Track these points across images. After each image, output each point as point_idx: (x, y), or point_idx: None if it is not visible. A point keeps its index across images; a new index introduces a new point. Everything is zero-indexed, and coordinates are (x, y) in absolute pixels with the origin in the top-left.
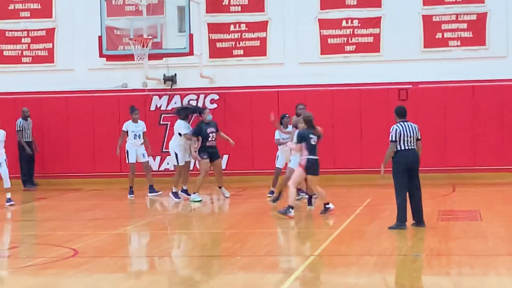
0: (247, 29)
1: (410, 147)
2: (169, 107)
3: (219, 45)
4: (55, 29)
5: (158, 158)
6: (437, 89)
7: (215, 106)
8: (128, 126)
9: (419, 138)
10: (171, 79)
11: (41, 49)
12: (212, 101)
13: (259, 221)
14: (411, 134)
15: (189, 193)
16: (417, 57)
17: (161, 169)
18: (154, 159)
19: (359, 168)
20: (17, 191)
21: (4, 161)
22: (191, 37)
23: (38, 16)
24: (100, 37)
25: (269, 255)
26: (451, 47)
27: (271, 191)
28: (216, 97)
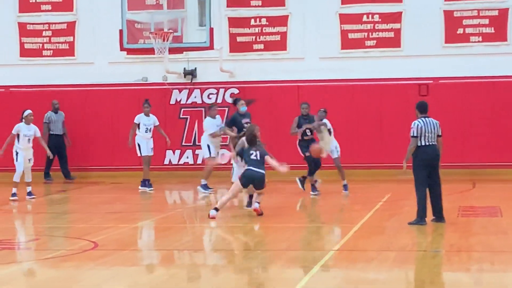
0: (267, 23)
1: (431, 143)
2: (189, 101)
3: (239, 39)
4: (76, 22)
5: (177, 151)
6: (458, 84)
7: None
8: (140, 119)
9: (440, 134)
10: (191, 73)
11: (62, 42)
12: (232, 95)
13: (278, 215)
14: (432, 130)
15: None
16: (438, 53)
17: (181, 162)
18: (173, 153)
19: (379, 163)
20: (40, 184)
21: (32, 156)
22: (211, 31)
23: (59, 9)
24: (120, 31)
25: (288, 249)
26: (472, 42)
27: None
28: (236, 91)
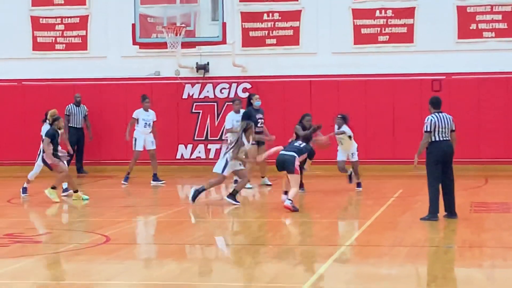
0: (280, 18)
1: (444, 138)
2: (202, 96)
3: (252, 34)
4: (88, 16)
5: (190, 146)
6: (471, 80)
7: (247, 95)
8: (139, 114)
9: (454, 129)
10: (204, 68)
11: (74, 36)
12: (244, 90)
13: (290, 210)
14: (446, 125)
15: None
16: (451, 48)
17: (193, 157)
18: (186, 147)
19: (391, 158)
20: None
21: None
22: (224, 25)
23: (71, 3)
24: (133, 25)
25: (300, 244)
26: (486, 38)
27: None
28: (248, 86)
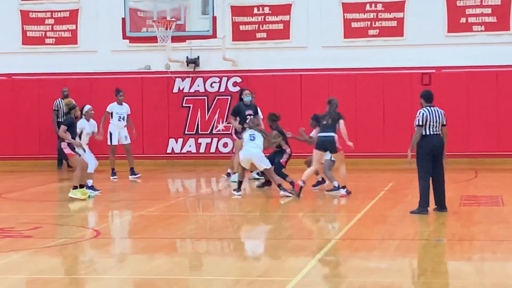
0: (270, 12)
1: (435, 132)
2: (192, 90)
3: (242, 28)
4: (78, 10)
5: (180, 140)
6: (461, 74)
7: (237, 89)
8: (113, 108)
9: (445, 123)
10: (194, 62)
11: (64, 30)
12: (234, 84)
13: (281, 204)
14: (437, 119)
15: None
16: (440, 42)
17: (183, 151)
18: (176, 141)
19: (381, 152)
20: (47, 172)
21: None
22: (214, 19)
23: None
24: (123, 19)
25: (291, 238)
26: (475, 32)
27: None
28: (238, 80)
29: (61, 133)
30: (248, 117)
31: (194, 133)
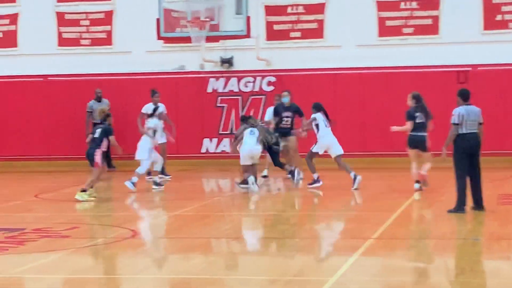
0: (304, 11)
1: (472, 131)
2: (226, 90)
3: (276, 27)
4: (113, 11)
5: (214, 140)
6: (497, 71)
7: (272, 88)
8: (148, 109)
9: (482, 122)
10: (228, 61)
11: (99, 32)
12: (269, 84)
13: (317, 203)
14: (474, 117)
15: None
16: (476, 40)
17: (218, 151)
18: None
19: None
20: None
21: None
22: (248, 19)
23: None
24: (158, 20)
25: (326, 237)
26: (511, 29)
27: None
28: (273, 79)
29: (114, 142)
30: (285, 118)
31: (228, 132)
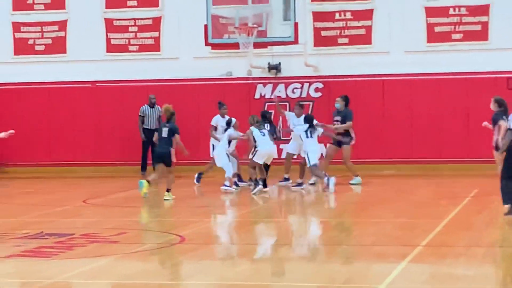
0: (352, 17)
1: None
2: (273, 96)
3: (324, 33)
4: (161, 18)
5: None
6: None
7: (319, 94)
8: (218, 121)
9: None
10: (276, 68)
11: (147, 38)
12: (316, 90)
13: (364, 209)
14: None
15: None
16: None
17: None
18: None
19: (465, 157)
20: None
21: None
22: (296, 25)
23: (145, 5)
24: (205, 26)
25: (374, 244)
26: None
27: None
28: (320, 85)
29: (178, 140)
30: (335, 123)
31: (274, 137)
